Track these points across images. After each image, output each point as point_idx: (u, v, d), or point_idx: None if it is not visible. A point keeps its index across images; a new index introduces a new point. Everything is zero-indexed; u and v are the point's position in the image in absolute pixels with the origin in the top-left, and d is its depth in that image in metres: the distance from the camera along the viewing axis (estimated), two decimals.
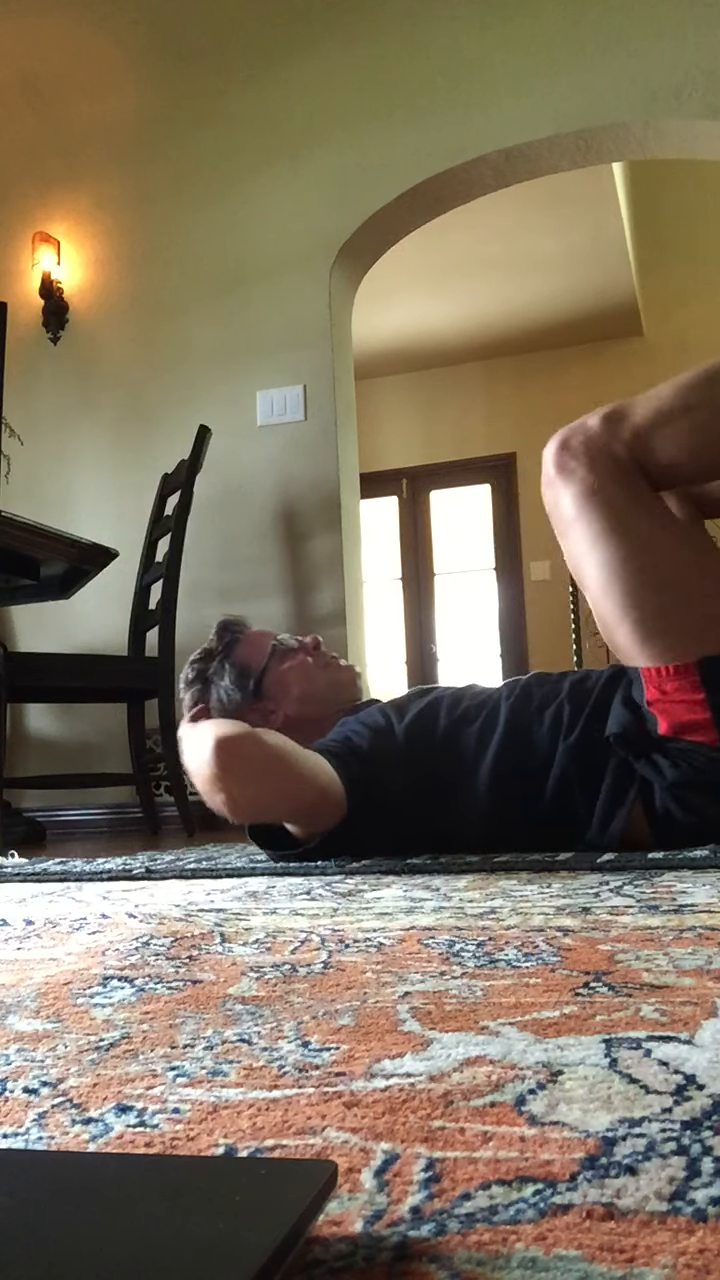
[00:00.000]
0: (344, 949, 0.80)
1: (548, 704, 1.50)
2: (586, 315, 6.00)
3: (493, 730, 1.49)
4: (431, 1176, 0.36)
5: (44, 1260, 0.28)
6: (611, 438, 1.35)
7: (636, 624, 1.34)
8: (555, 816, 1.44)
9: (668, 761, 1.35)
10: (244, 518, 3.46)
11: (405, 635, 6.70)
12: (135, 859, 1.77)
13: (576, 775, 1.42)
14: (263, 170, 3.55)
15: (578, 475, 1.35)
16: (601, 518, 1.34)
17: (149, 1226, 0.30)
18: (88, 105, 3.76)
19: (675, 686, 1.33)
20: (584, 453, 1.35)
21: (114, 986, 0.70)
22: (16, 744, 3.52)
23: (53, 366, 3.73)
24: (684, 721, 1.33)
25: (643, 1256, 0.30)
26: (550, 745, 1.45)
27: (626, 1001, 0.58)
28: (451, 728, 1.52)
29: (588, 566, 1.37)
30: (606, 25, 3.20)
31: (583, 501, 1.35)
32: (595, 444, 1.35)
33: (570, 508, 1.37)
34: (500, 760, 1.47)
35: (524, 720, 1.49)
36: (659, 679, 1.34)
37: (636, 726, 1.38)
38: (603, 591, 1.36)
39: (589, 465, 1.35)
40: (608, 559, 1.34)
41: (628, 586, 1.34)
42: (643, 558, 1.34)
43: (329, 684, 1.73)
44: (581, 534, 1.37)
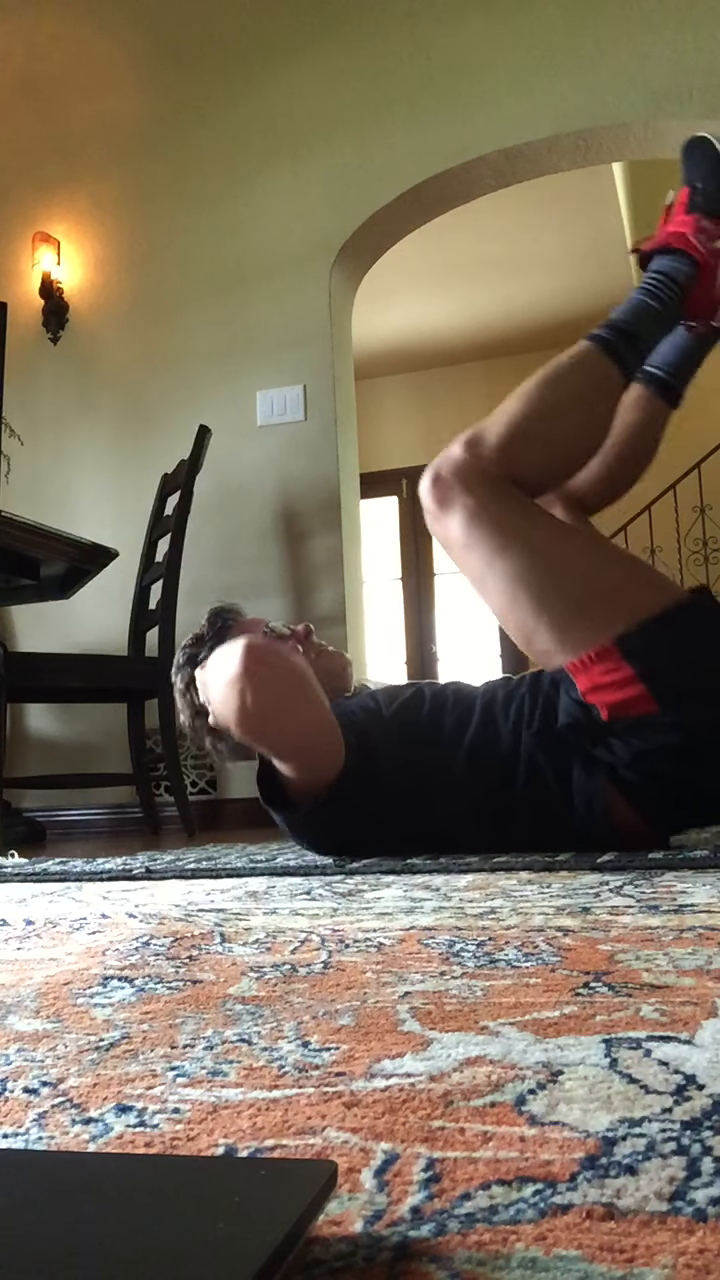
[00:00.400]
0: (344, 949, 0.80)
1: (511, 699, 1.54)
2: (586, 315, 5.99)
3: (467, 723, 1.53)
4: (431, 1176, 0.36)
5: (44, 1260, 0.28)
6: (477, 458, 1.43)
7: (549, 625, 1.40)
8: (536, 805, 1.46)
9: (619, 742, 1.39)
10: (244, 518, 3.45)
11: (405, 635, 6.71)
12: (135, 859, 1.77)
13: (546, 764, 1.46)
14: (263, 170, 3.55)
15: (457, 503, 1.42)
16: (490, 535, 1.41)
17: (149, 1226, 0.30)
18: (88, 105, 3.76)
19: (601, 669, 1.37)
20: (456, 480, 1.42)
21: (114, 986, 0.70)
22: (16, 744, 3.52)
23: (53, 366, 3.73)
24: (620, 701, 1.37)
25: (643, 1256, 0.30)
26: (515, 737, 1.49)
27: (626, 1001, 0.58)
28: (431, 715, 1.56)
29: (490, 584, 1.43)
30: (606, 25, 3.20)
31: (470, 526, 1.41)
32: (464, 469, 1.42)
33: (459, 534, 1.43)
34: (472, 752, 1.51)
35: (492, 716, 1.53)
36: (585, 669, 1.39)
37: (585, 717, 1.41)
38: (510, 604, 1.42)
39: (465, 490, 1.41)
40: (507, 571, 1.40)
41: (532, 592, 1.39)
42: (539, 561, 1.40)
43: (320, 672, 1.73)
44: (477, 556, 1.43)
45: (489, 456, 1.42)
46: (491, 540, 1.41)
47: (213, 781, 3.42)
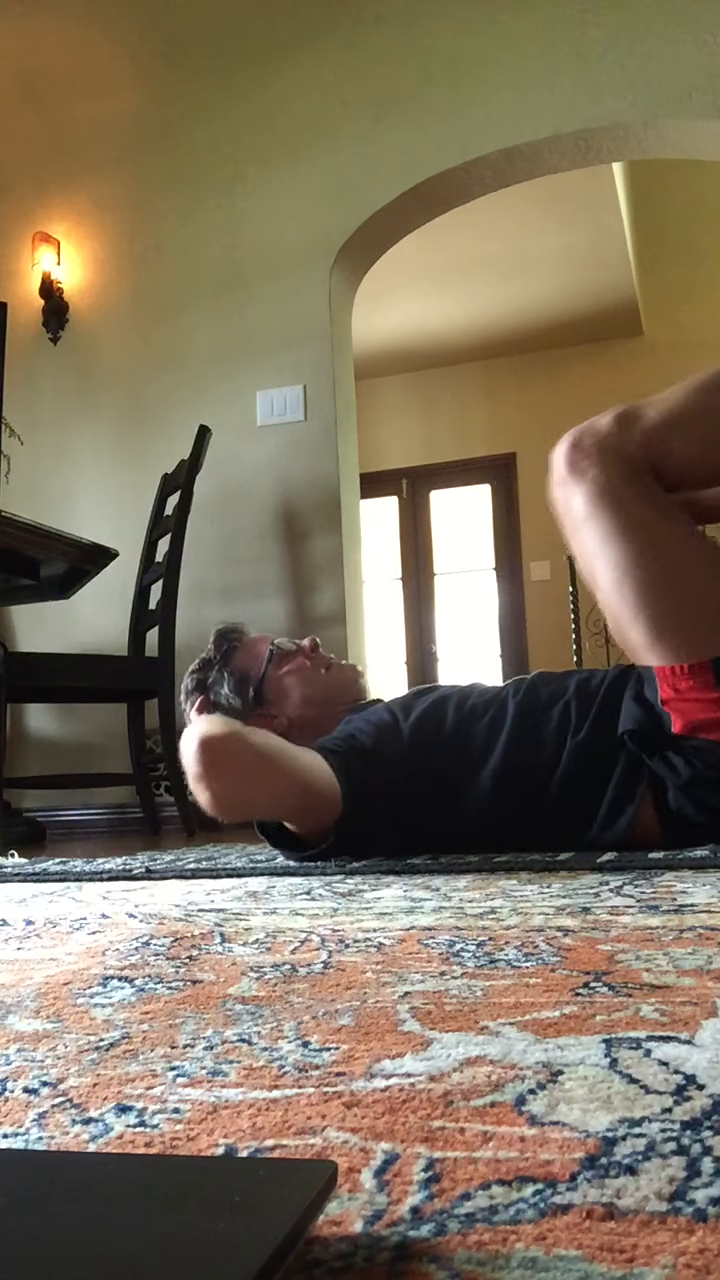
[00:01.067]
0: (344, 949, 0.80)
1: (555, 701, 1.50)
2: (586, 315, 6.00)
3: (501, 726, 1.49)
4: (431, 1176, 0.36)
5: (44, 1260, 0.28)
6: (624, 438, 1.35)
7: (650, 623, 1.34)
8: (559, 814, 1.44)
9: (682, 759, 1.35)
10: (244, 518, 3.45)
11: (405, 635, 6.71)
12: (135, 859, 1.77)
13: (584, 773, 1.42)
14: (263, 170, 3.55)
15: (590, 475, 1.35)
16: (613, 517, 1.34)
17: (149, 1226, 0.30)
18: (87, 105, 3.76)
19: (689, 685, 1.33)
20: (596, 452, 1.35)
21: (114, 986, 0.70)
22: (16, 744, 3.52)
23: (53, 366, 3.73)
24: (699, 720, 1.33)
25: (643, 1256, 0.30)
26: (558, 743, 1.45)
27: (626, 1001, 0.58)
28: (459, 723, 1.52)
29: (599, 566, 1.37)
30: (607, 25, 3.20)
31: (595, 501, 1.35)
32: (607, 444, 1.35)
33: (582, 507, 1.36)
34: (508, 756, 1.47)
35: (532, 718, 1.49)
36: (673, 678, 1.34)
37: (650, 724, 1.38)
38: (615, 590, 1.35)
39: (601, 464, 1.34)
40: (619, 558, 1.34)
41: (640, 585, 1.33)
42: (655, 556, 1.33)
43: (329, 685, 1.72)
44: (593, 533, 1.36)
45: (636, 438, 1.34)
46: (612, 521, 1.34)
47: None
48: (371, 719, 1.58)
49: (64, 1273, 0.27)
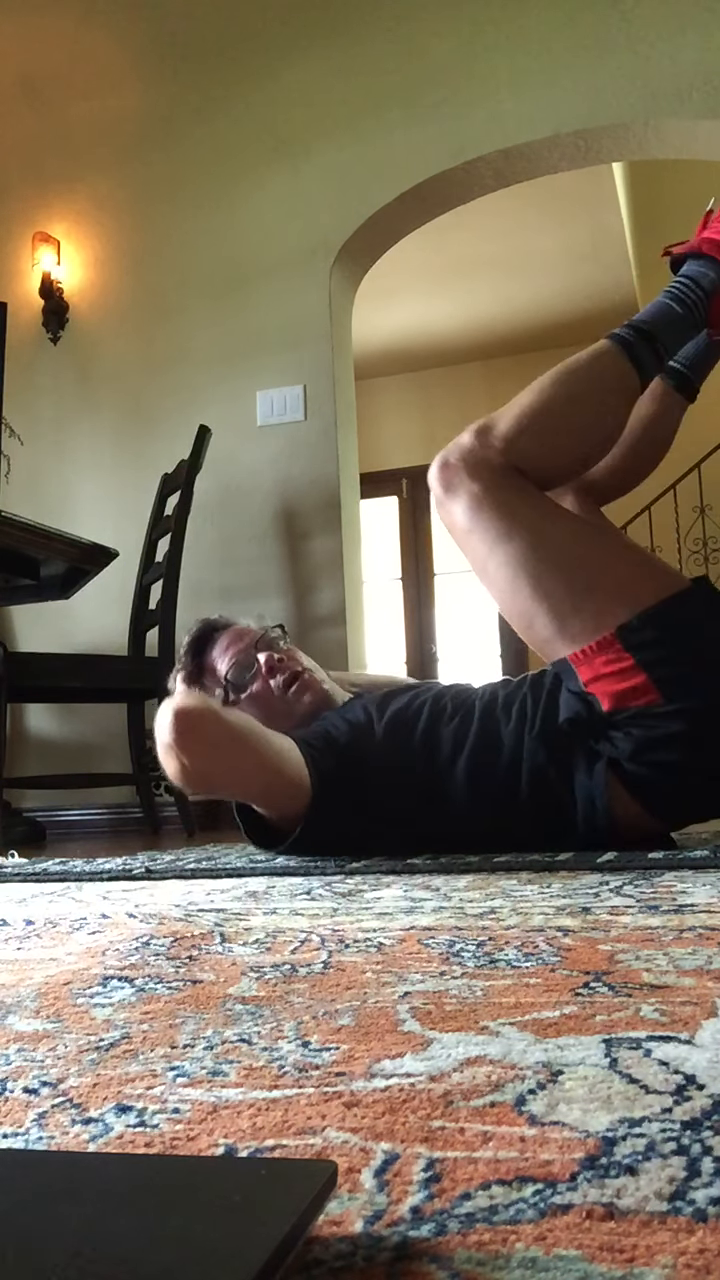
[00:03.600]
0: (344, 949, 0.80)
1: (512, 701, 1.53)
2: (586, 315, 6.00)
3: (467, 729, 1.52)
4: (431, 1176, 0.36)
5: (44, 1260, 0.28)
6: (485, 447, 1.44)
7: (550, 613, 1.41)
8: (540, 808, 1.46)
9: (620, 734, 1.39)
10: (244, 518, 3.45)
11: (405, 635, 6.71)
12: (135, 859, 1.77)
13: (549, 764, 1.45)
14: (263, 170, 3.55)
15: (463, 488, 1.44)
16: (493, 521, 1.42)
17: (149, 1226, 0.30)
18: (87, 105, 3.76)
19: (603, 660, 1.38)
20: (463, 467, 1.44)
21: (114, 986, 0.70)
22: (16, 744, 3.52)
23: (53, 366, 3.73)
24: (622, 690, 1.37)
25: (643, 1256, 0.30)
26: (517, 739, 1.48)
27: (626, 1001, 0.58)
28: (429, 726, 1.54)
29: (491, 570, 1.44)
30: (606, 25, 3.20)
31: (473, 511, 1.43)
32: (472, 457, 1.44)
33: (463, 519, 1.44)
34: (474, 758, 1.49)
35: (492, 719, 1.52)
36: (586, 659, 1.39)
37: (586, 710, 1.41)
38: (511, 591, 1.43)
39: (471, 476, 1.43)
40: (508, 558, 1.41)
41: (533, 579, 1.40)
42: (541, 549, 1.41)
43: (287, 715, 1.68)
44: (479, 541, 1.44)
45: (496, 445, 1.44)
46: (494, 526, 1.42)
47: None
48: (348, 716, 1.60)
49: (64, 1273, 0.27)
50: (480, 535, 1.43)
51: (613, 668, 1.37)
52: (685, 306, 1.52)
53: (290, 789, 1.45)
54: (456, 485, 1.44)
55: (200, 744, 1.39)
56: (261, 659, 1.72)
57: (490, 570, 1.44)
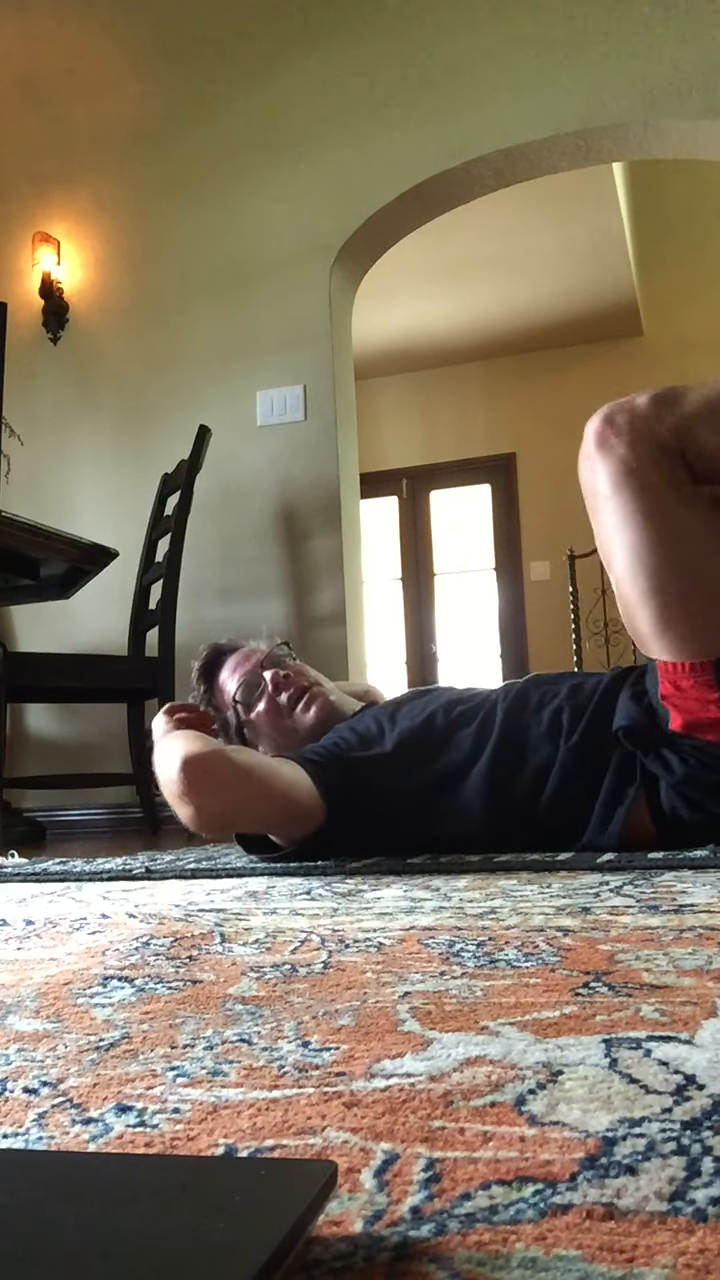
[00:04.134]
0: (344, 949, 0.80)
1: (545, 704, 1.48)
2: (586, 315, 6.00)
3: (488, 734, 1.48)
4: (431, 1176, 0.36)
5: (44, 1260, 0.28)
6: (658, 420, 1.30)
7: (658, 611, 1.31)
8: (555, 818, 1.44)
9: (677, 758, 1.33)
10: (244, 518, 3.45)
11: (405, 635, 6.70)
12: (135, 859, 1.77)
13: (577, 776, 1.41)
14: (263, 170, 3.55)
15: (617, 453, 1.31)
16: (635, 499, 1.30)
17: (149, 1226, 0.30)
18: (87, 105, 3.76)
19: (691, 684, 1.31)
20: (628, 431, 1.30)
21: (114, 986, 0.70)
22: (16, 744, 3.52)
23: (53, 366, 3.73)
24: (697, 719, 1.31)
25: (643, 1256, 0.30)
26: (550, 746, 1.44)
27: (626, 1001, 0.58)
28: (445, 732, 1.51)
29: (615, 547, 1.34)
30: (606, 25, 3.20)
31: (619, 480, 1.31)
32: (640, 424, 1.31)
33: (606, 484, 1.33)
34: (495, 763, 1.46)
35: (521, 721, 1.48)
36: (674, 674, 1.32)
37: (646, 721, 1.37)
38: (628, 574, 1.33)
39: (630, 444, 1.30)
40: (636, 542, 1.31)
41: (653, 572, 1.30)
42: (671, 545, 1.30)
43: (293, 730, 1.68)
44: (613, 513, 1.33)
45: (670, 422, 1.29)
46: (633, 503, 1.30)
47: None
48: (358, 728, 1.57)
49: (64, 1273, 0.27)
50: (616, 507, 1.31)
51: (697, 694, 1.30)
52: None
53: (302, 814, 1.44)
54: (612, 447, 1.31)
55: (213, 789, 1.38)
56: (267, 676, 1.71)
57: (614, 546, 1.33)
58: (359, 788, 1.47)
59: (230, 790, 1.39)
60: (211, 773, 1.38)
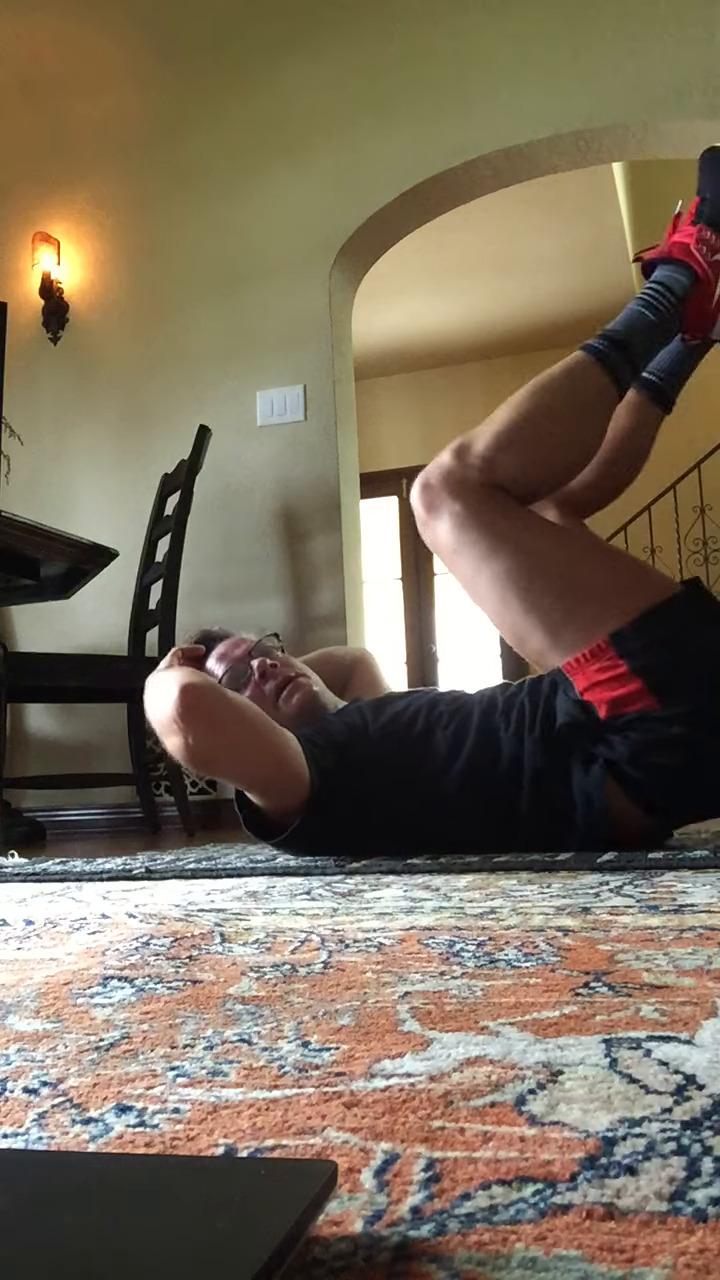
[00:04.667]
0: (344, 949, 0.80)
1: (511, 705, 1.53)
2: (586, 315, 5.99)
3: (465, 735, 1.52)
4: (431, 1176, 0.36)
5: (44, 1260, 0.28)
6: (464, 466, 1.45)
7: (541, 624, 1.41)
8: (541, 813, 1.46)
9: (619, 737, 1.39)
10: (244, 518, 3.45)
11: (405, 635, 6.70)
12: (135, 859, 1.77)
13: (548, 766, 1.45)
14: (263, 170, 3.55)
15: (445, 509, 1.44)
16: (478, 539, 1.42)
17: (149, 1226, 0.30)
18: (87, 105, 3.76)
19: (597, 668, 1.38)
20: (444, 487, 1.44)
21: (114, 986, 0.70)
22: (16, 744, 3.52)
23: (53, 366, 3.73)
24: (618, 697, 1.37)
25: (643, 1256, 0.30)
26: (517, 743, 1.48)
27: (626, 1001, 0.58)
28: (425, 731, 1.54)
29: (481, 588, 1.44)
30: (606, 25, 3.20)
31: (457, 531, 1.43)
32: (453, 477, 1.45)
33: (448, 539, 1.45)
34: (472, 763, 1.49)
35: (492, 723, 1.52)
36: (581, 667, 1.40)
37: (584, 716, 1.42)
38: (502, 606, 1.43)
39: (453, 496, 1.43)
40: (497, 574, 1.42)
41: (523, 592, 1.41)
42: (527, 562, 1.41)
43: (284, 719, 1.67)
44: (466, 560, 1.44)
45: (475, 464, 1.44)
46: (479, 544, 1.42)
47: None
48: (345, 720, 1.61)
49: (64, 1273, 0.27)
50: (466, 554, 1.44)
51: (607, 674, 1.38)
52: (657, 313, 1.52)
53: (290, 779, 1.47)
54: (439, 506, 1.45)
55: (205, 720, 1.42)
56: (254, 665, 1.73)
57: (480, 588, 1.45)
58: (348, 774, 1.50)
59: (221, 725, 1.43)
60: (206, 702, 1.43)
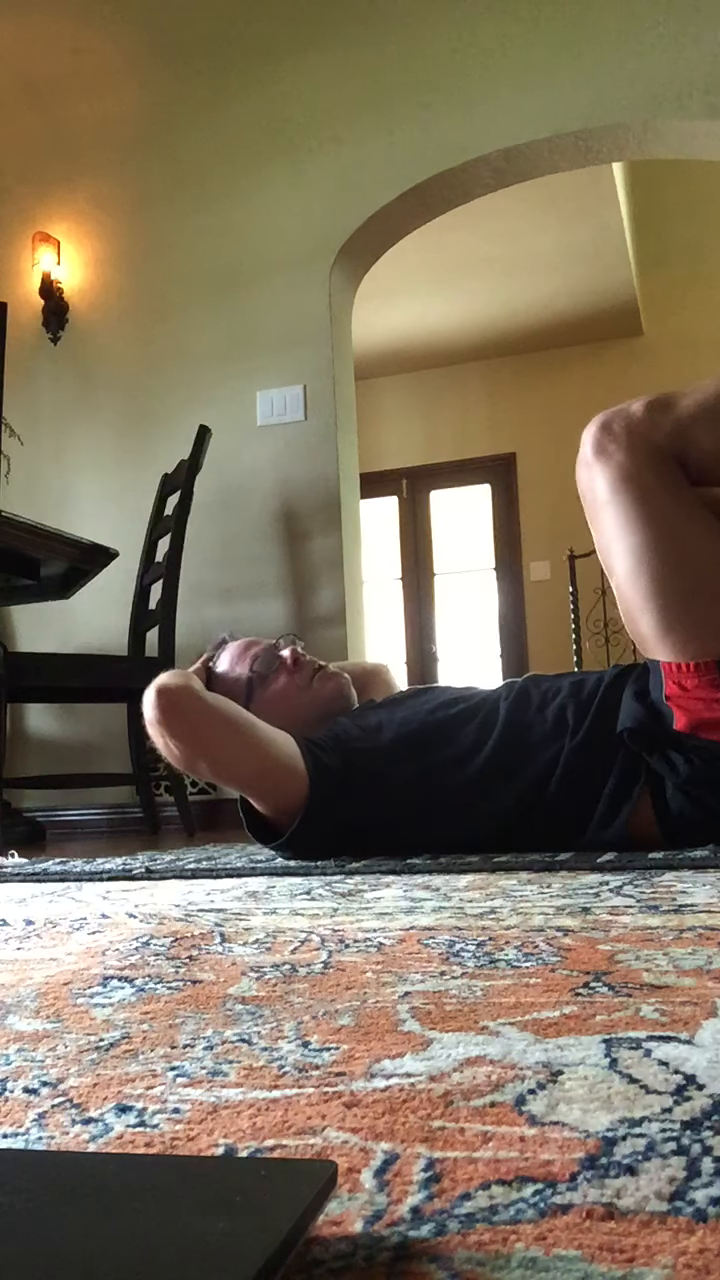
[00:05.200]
0: (344, 949, 0.80)
1: (548, 703, 1.49)
2: (586, 315, 6.00)
3: (491, 729, 1.49)
4: (431, 1176, 0.36)
5: (44, 1260, 0.28)
6: (653, 425, 1.33)
7: (660, 613, 1.33)
8: (556, 816, 1.44)
9: (682, 757, 1.34)
10: (244, 518, 3.45)
11: (405, 635, 6.70)
12: (135, 859, 1.77)
13: (581, 774, 1.42)
14: (263, 170, 3.54)
15: (615, 459, 1.34)
16: (634, 503, 1.33)
17: (149, 1226, 0.30)
18: (87, 105, 3.76)
19: (695, 683, 1.32)
20: (624, 437, 1.33)
21: (114, 986, 0.70)
22: (16, 744, 3.52)
23: (53, 366, 3.73)
24: (703, 719, 1.32)
25: (643, 1256, 0.30)
26: (554, 745, 1.44)
27: (626, 1001, 0.58)
28: (446, 725, 1.52)
29: (616, 552, 1.36)
30: (606, 25, 3.20)
31: (618, 485, 1.33)
32: (636, 430, 1.34)
33: (605, 490, 1.35)
34: (495, 762, 1.47)
35: (523, 719, 1.48)
36: (678, 674, 1.33)
37: (650, 721, 1.37)
38: (629, 578, 1.34)
39: (628, 450, 1.33)
40: (637, 545, 1.33)
41: (655, 574, 1.32)
42: (672, 547, 1.32)
43: (315, 702, 1.69)
44: (613, 518, 1.35)
45: (666, 427, 1.33)
46: (633, 508, 1.33)
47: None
48: (359, 721, 1.59)
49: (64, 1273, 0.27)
50: (615, 512, 1.34)
51: (702, 694, 1.31)
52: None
53: (283, 777, 1.46)
54: (610, 453, 1.34)
55: (182, 723, 1.44)
56: (286, 653, 1.73)
57: (614, 551, 1.36)
58: (356, 776, 1.48)
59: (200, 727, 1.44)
60: (180, 705, 1.45)
